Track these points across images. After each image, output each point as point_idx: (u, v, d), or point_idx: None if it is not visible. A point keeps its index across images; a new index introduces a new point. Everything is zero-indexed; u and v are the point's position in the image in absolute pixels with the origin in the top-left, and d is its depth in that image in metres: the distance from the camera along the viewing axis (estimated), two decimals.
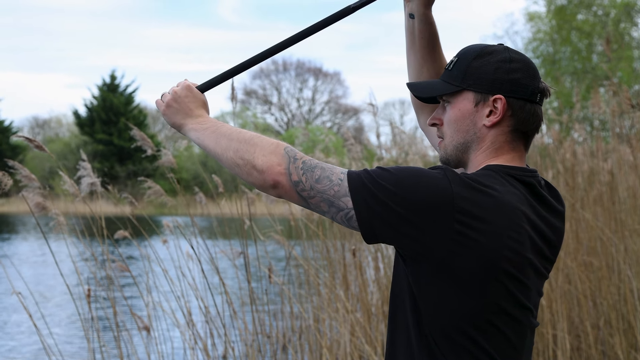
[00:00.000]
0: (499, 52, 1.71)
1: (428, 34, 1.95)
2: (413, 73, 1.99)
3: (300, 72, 48.80)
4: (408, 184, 1.55)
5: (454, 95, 1.72)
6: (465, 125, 1.71)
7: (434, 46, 1.96)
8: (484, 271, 1.55)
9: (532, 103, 1.70)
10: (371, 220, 1.56)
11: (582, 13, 27.66)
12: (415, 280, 1.59)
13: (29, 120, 51.66)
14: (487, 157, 1.71)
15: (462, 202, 1.54)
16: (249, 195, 4.68)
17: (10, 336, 8.33)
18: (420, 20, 1.95)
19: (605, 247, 5.67)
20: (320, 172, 1.61)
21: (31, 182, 3.86)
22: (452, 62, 1.74)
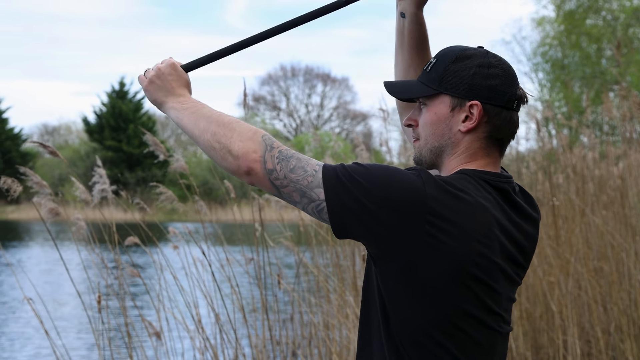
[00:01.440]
0: (478, 57, 1.69)
1: (418, 34, 1.95)
2: (400, 72, 1.99)
3: (308, 78, 48.87)
4: (382, 182, 1.55)
5: (430, 98, 1.71)
6: (441, 130, 1.70)
7: (423, 47, 1.96)
8: (451, 275, 1.55)
9: (509, 110, 1.68)
10: (342, 214, 1.56)
11: (591, 18, 27.60)
12: (384, 281, 1.59)
13: (39, 127, 51.96)
14: (460, 162, 1.70)
15: (434, 203, 1.54)
16: (259, 202, 4.69)
17: (20, 343, 8.36)
18: (410, 20, 1.94)
19: (616, 252, 5.65)
20: (296, 162, 1.61)
21: (42, 188, 3.88)
22: (431, 64, 1.72)
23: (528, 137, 7.31)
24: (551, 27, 28.92)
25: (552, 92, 29.04)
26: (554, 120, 7.30)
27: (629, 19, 26.55)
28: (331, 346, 5.01)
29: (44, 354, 7.70)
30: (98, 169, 4.14)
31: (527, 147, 8.36)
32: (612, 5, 27.16)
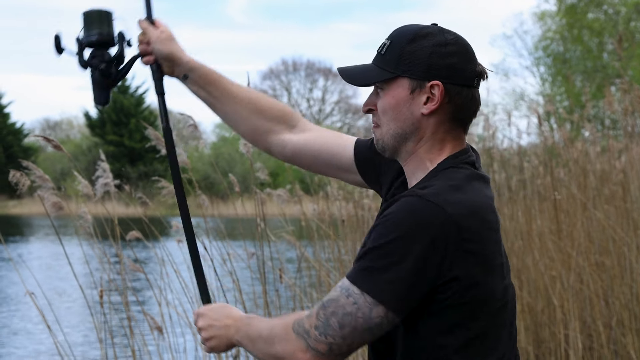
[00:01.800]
0: (433, 35, 1.61)
1: (216, 83, 1.93)
2: (246, 127, 1.97)
3: (310, 72, 48.82)
4: (404, 263, 1.50)
5: (387, 82, 1.63)
6: (402, 114, 1.63)
7: (227, 88, 1.94)
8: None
9: (469, 87, 1.62)
10: (408, 305, 1.53)
11: (593, 12, 27.55)
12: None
13: (40, 122, 52.01)
14: (430, 151, 1.64)
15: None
16: (260, 196, 4.69)
17: (22, 337, 8.38)
18: (199, 76, 1.92)
19: (618, 246, 5.65)
20: (336, 318, 1.52)
21: (45, 182, 3.88)
22: (385, 45, 1.65)
23: (529, 132, 7.29)
24: (552, 21, 28.87)
25: (553, 86, 29.01)
26: (555, 115, 7.29)
27: (631, 13, 26.50)
28: None
29: (45, 349, 7.72)
30: (102, 163, 4.14)
31: (529, 141, 8.36)
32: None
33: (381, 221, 1.55)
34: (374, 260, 1.51)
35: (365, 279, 1.51)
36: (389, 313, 1.51)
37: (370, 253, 1.52)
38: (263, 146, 1.98)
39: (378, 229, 1.54)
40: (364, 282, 1.51)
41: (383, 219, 1.55)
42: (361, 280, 1.51)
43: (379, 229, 1.54)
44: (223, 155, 37.29)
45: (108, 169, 4.14)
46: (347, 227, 5.93)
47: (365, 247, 1.55)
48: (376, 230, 1.55)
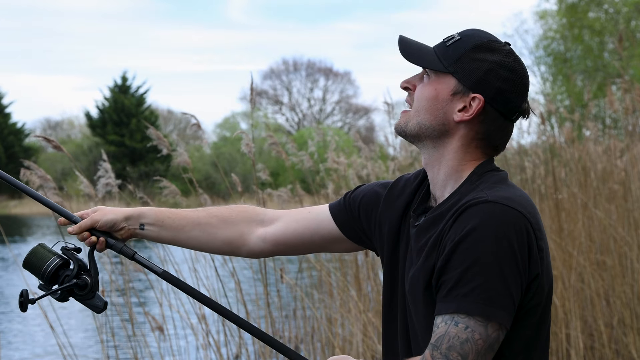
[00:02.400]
0: (500, 53, 1.61)
1: (172, 215, 1.89)
2: (225, 246, 1.92)
3: (310, 72, 48.82)
4: (505, 276, 1.50)
5: (437, 72, 1.63)
6: (436, 109, 1.62)
7: (192, 222, 1.88)
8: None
9: (507, 119, 1.63)
10: (514, 311, 1.52)
11: (593, 11, 27.54)
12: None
13: (41, 122, 51.99)
14: (462, 162, 1.63)
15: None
16: (261, 195, 4.69)
17: (23, 337, 8.38)
18: (153, 216, 1.88)
19: (619, 245, 5.65)
20: (456, 350, 1.48)
21: (47, 182, 3.88)
22: (452, 39, 1.64)
23: (530, 131, 7.29)
24: (553, 21, 28.86)
25: (554, 85, 29.00)
26: (556, 114, 7.28)
27: (631, 12, 26.48)
28: (334, 340, 5.01)
29: (43, 351, 7.72)
30: (103, 163, 4.14)
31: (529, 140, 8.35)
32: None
33: (461, 236, 1.51)
34: (470, 281, 1.49)
35: (469, 304, 1.48)
36: (501, 325, 1.50)
37: (464, 275, 1.49)
38: (244, 251, 1.92)
39: (461, 245, 1.51)
40: (468, 306, 1.48)
41: (462, 233, 1.51)
42: (465, 307, 1.48)
43: (463, 246, 1.50)
44: (224, 155, 37.29)
45: (110, 169, 4.14)
46: None
47: (450, 271, 1.51)
48: (458, 247, 1.51)
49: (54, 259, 1.75)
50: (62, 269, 1.76)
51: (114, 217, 1.84)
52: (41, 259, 1.76)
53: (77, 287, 1.75)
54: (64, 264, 1.76)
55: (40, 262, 1.76)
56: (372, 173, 6.45)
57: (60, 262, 1.75)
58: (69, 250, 1.77)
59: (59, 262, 1.75)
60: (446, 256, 1.52)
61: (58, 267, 1.75)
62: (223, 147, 41.14)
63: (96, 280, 1.76)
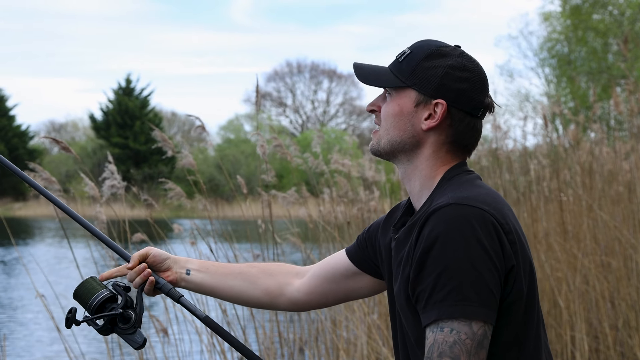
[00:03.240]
0: (452, 57, 1.65)
1: (216, 265, 1.95)
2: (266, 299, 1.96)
3: (314, 74, 48.86)
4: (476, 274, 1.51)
5: (397, 89, 1.68)
6: (403, 124, 1.67)
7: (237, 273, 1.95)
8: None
9: (473, 117, 1.65)
10: (496, 304, 1.53)
11: (598, 12, 27.51)
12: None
13: (46, 124, 52.10)
14: (434, 169, 1.67)
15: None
16: (265, 198, 4.69)
17: (30, 337, 8.39)
18: (198, 265, 1.94)
19: (624, 247, 5.64)
20: (447, 355, 1.49)
21: (52, 184, 3.89)
22: (404, 54, 1.69)
23: (535, 133, 7.28)
24: (557, 22, 28.84)
25: (558, 87, 28.98)
26: (560, 116, 7.28)
27: (636, 14, 26.45)
28: (338, 343, 5.01)
29: (52, 352, 7.73)
30: (109, 165, 4.15)
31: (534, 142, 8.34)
32: (618, 0, 27.06)
33: (426, 244, 1.53)
34: (444, 286, 1.50)
35: (448, 307, 1.49)
36: (486, 322, 1.50)
37: (438, 282, 1.50)
38: (282, 302, 1.97)
39: (431, 253, 1.52)
40: (448, 310, 1.49)
41: (427, 241, 1.53)
42: (445, 311, 1.49)
43: (432, 253, 1.52)
44: (227, 158, 37.33)
45: (115, 170, 4.14)
46: (352, 228, 5.93)
47: (424, 281, 1.52)
48: (428, 256, 1.52)
49: (103, 291, 1.81)
50: (109, 303, 1.81)
51: (165, 253, 1.92)
52: (90, 290, 1.82)
53: (121, 318, 1.80)
54: (111, 298, 1.81)
55: (89, 294, 1.81)
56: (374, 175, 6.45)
57: (108, 295, 1.81)
58: (120, 286, 1.83)
59: (108, 294, 1.81)
60: (417, 267, 1.54)
61: (105, 300, 1.80)
62: (227, 149, 41.19)
63: (140, 317, 1.81)
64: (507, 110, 29.06)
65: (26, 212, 37.46)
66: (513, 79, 31.80)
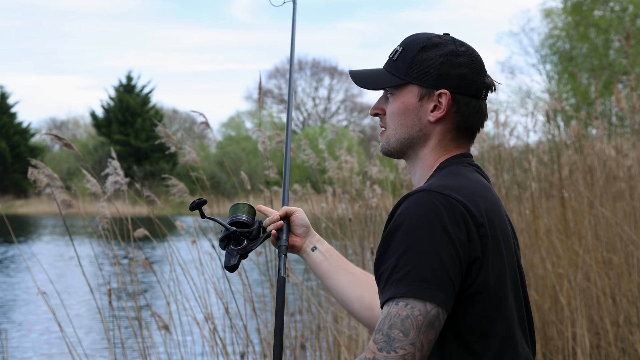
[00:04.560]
0: (445, 45, 1.66)
1: (337, 255, 1.99)
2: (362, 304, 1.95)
3: (315, 71, 48.83)
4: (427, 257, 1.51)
5: (398, 87, 1.69)
6: (410, 120, 1.68)
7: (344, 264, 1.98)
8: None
9: (477, 99, 1.67)
10: (454, 291, 1.53)
11: (599, 9, 27.47)
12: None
13: (47, 121, 52.11)
14: (436, 158, 1.69)
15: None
16: (266, 195, 4.70)
17: (31, 334, 8.41)
18: (325, 248, 1.99)
19: (625, 244, 5.64)
20: (397, 328, 1.50)
21: (54, 181, 3.89)
22: (397, 52, 1.70)
23: (536, 130, 7.28)
24: (559, 19, 28.79)
25: (560, 83, 28.95)
26: (562, 112, 7.28)
27: (638, 10, 26.41)
28: (339, 339, 5.02)
29: (55, 349, 7.75)
30: (112, 161, 4.15)
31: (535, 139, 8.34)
32: None
33: (394, 225, 1.55)
34: (404, 266, 1.51)
35: (405, 286, 1.50)
36: (441, 306, 1.51)
37: (399, 262, 1.52)
38: (367, 315, 1.96)
39: (396, 234, 1.54)
40: (405, 289, 1.50)
41: (395, 222, 1.55)
42: (402, 290, 1.50)
43: (398, 234, 1.54)
44: (229, 155, 37.33)
45: (119, 166, 4.15)
46: (354, 224, 5.94)
47: (386, 261, 1.54)
48: (393, 236, 1.54)
49: (245, 216, 1.98)
50: (243, 227, 1.97)
51: (307, 221, 2.00)
52: (241, 210, 1.99)
53: (235, 238, 1.94)
54: (247, 225, 1.97)
55: (238, 211, 1.99)
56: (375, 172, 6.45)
57: (246, 221, 1.97)
58: (261, 225, 1.99)
59: (246, 220, 1.97)
60: (381, 246, 1.56)
61: (241, 223, 1.97)
62: (228, 146, 41.19)
63: (248, 249, 1.95)
64: (509, 107, 29.04)
65: (28, 209, 37.49)
66: (514, 75, 31.72)
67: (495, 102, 26.84)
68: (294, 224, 1.98)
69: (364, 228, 5.96)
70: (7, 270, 14.23)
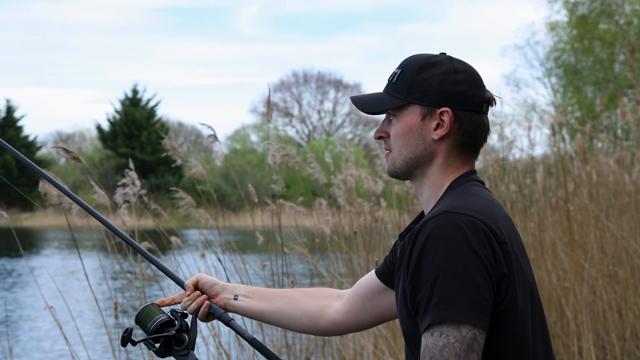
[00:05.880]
0: (442, 63, 1.69)
1: (261, 290, 2.01)
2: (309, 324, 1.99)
3: (320, 84, 48.95)
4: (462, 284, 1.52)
5: (400, 108, 1.70)
6: (414, 140, 1.70)
7: (283, 296, 2.00)
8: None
9: (479, 114, 1.69)
10: (488, 310, 1.54)
11: (604, 22, 27.51)
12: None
13: (53, 135, 52.27)
14: (443, 177, 1.70)
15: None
16: (273, 207, 4.70)
17: (38, 347, 8.41)
18: (245, 290, 2.00)
19: (631, 257, 5.63)
20: (440, 353, 1.51)
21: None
22: (395, 74, 1.72)
23: (540, 142, 7.28)
24: (564, 32, 28.84)
25: (565, 97, 28.96)
26: (567, 126, 7.28)
27: None
28: (345, 352, 5.01)
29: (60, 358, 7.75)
30: (130, 172, 4.17)
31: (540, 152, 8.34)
32: (625, 9, 27.05)
33: (421, 252, 1.55)
34: (437, 292, 1.52)
35: (440, 312, 1.51)
36: (475, 326, 1.52)
37: (434, 288, 1.53)
38: (323, 324, 2.00)
39: (425, 260, 1.54)
40: (440, 315, 1.51)
41: (422, 248, 1.55)
42: (438, 315, 1.51)
43: (427, 260, 1.54)
44: (234, 168, 37.38)
45: (136, 177, 4.17)
46: (359, 237, 5.94)
47: (421, 289, 1.54)
48: (422, 263, 1.55)
49: (161, 316, 1.93)
50: (167, 327, 1.93)
51: (213, 279, 2.01)
52: (150, 315, 1.94)
53: (176, 340, 1.91)
54: (168, 323, 1.93)
55: (149, 318, 1.94)
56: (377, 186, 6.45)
57: (166, 320, 1.92)
58: (177, 312, 1.95)
59: (165, 319, 1.92)
60: (414, 276, 1.56)
61: (163, 324, 1.92)
62: (234, 159, 41.25)
63: (193, 340, 1.92)
64: (514, 120, 29.03)
65: (34, 222, 37.55)
66: (519, 88, 31.72)
67: (499, 115, 26.82)
68: (205, 288, 2.00)
69: (369, 242, 5.96)
70: (13, 283, 14.24)
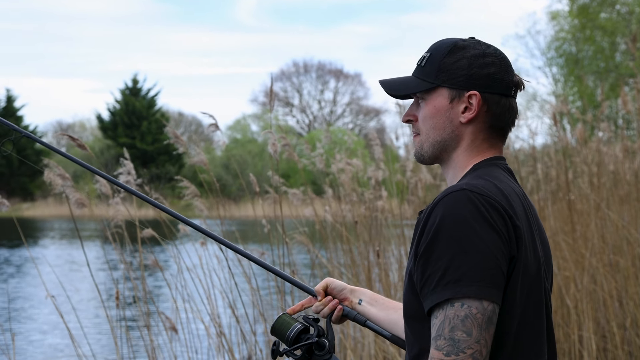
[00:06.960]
0: (471, 47, 1.69)
1: (379, 297, 2.01)
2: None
3: (321, 74, 48.87)
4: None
5: (428, 92, 1.70)
6: (442, 122, 1.70)
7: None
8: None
9: (507, 97, 1.69)
10: (503, 284, 1.54)
11: (606, 11, 27.43)
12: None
13: (53, 125, 52.23)
14: (468, 159, 1.70)
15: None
16: (274, 195, 4.70)
17: (39, 336, 8.43)
18: (369, 296, 2.01)
19: (632, 246, 5.64)
20: (459, 329, 1.50)
21: (65, 180, 3.92)
22: (424, 58, 1.72)
23: (541, 132, 7.28)
24: (565, 21, 28.76)
25: (566, 86, 28.91)
26: (568, 115, 7.27)
27: None
28: (345, 341, 5.03)
29: (62, 353, 7.77)
30: (126, 162, 4.17)
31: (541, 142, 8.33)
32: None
33: (436, 226, 1.54)
34: (460, 266, 1.51)
35: (465, 287, 1.50)
36: (494, 301, 1.52)
37: (452, 262, 1.52)
38: None
39: (440, 235, 1.53)
40: (462, 290, 1.50)
41: (436, 222, 1.55)
42: (454, 291, 1.50)
43: (442, 235, 1.53)
44: (235, 157, 37.37)
45: (132, 167, 4.18)
46: (360, 227, 5.94)
47: (434, 261, 1.53)
48: (437, 237, 1.54)
49: (297, 324, 1.97)
50: (304, 334, 1.97)
51: (342, 284, 2.03)
52: (285, 325, 1.98)
53: (317, 346, 1.94)
54: (304, 330, 1.97)
55: (285, 328, 1.98)
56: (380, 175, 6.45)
57: (302, 328, 1.97)
58: (310, 318, 1.99)
59: (301, 327, 1.97)
60: (427, 250, 1.55)
61: (300, 332, 1.96)
62: (234, 149, 41.22)
63: (333, 343, 1.95)
64: None
65: (34, 212, 37.57)
66: None
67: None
68: (334, 292, 2.02)
69: (369, 231, 5.96)
70: (15, 272, 14.26)
